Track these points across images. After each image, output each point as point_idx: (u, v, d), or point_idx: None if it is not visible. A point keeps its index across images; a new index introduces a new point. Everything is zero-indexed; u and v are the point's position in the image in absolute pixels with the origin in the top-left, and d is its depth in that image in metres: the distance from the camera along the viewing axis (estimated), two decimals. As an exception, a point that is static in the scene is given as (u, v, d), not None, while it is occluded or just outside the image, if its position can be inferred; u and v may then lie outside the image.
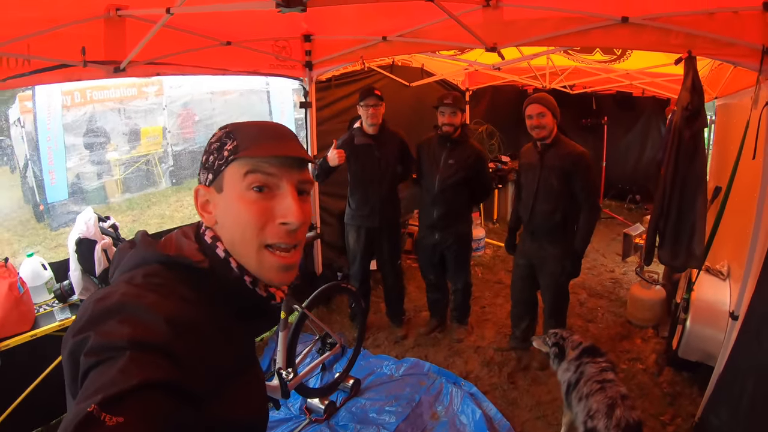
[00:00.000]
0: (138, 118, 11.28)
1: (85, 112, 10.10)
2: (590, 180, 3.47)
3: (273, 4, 1.80)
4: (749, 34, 2.60)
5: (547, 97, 3.51)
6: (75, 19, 2.69)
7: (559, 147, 3.49)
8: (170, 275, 0.88)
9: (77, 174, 9.76)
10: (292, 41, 4.33)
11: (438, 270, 4.25)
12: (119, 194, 10.45)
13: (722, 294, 3.38)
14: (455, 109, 3.81)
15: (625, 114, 8.49)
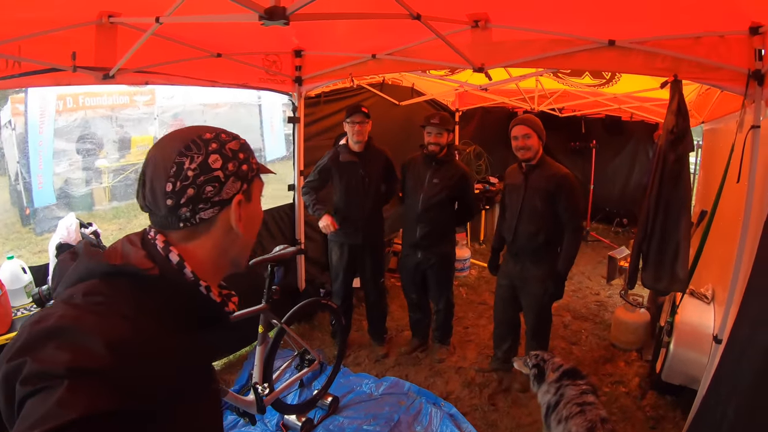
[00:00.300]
0: (129, 127, 11.26)
1: (75, 118, 10.07)
2: (574, 201, 3.48)
3: (256, 16, 1.79)
4: (735, 59, 2.63)
5: (533, 119, 3.53)
6: (67, 24, 2.68)
7: (544, 168, 3.50)
8: (113, 291, 0.84)
9: (66, 179, 9.69)
10: (282, 56, 4.33)
11: (420, 289, 4.22)
12: (106, 202, 10.35)
13: (706, 317, 3.37)
14: (442, 129, 3.83)
15: (614, 138, 8.56)
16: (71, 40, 2.75)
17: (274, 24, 1.81)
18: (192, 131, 0.96)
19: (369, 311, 4.44)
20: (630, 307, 4.49)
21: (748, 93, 2.61)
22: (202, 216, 0.94)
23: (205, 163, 0.93)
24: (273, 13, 1.77)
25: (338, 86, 5.10)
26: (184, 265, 0.92)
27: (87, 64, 2.90)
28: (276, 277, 3.06)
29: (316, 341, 4.51)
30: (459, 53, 3.19)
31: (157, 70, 3.41)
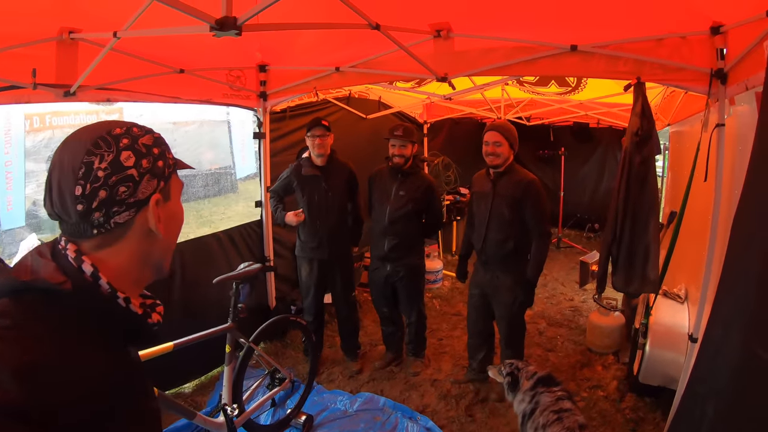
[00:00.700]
0: None
1: (43, 138, 9.98)
2: (540, 207, 3.47)
3: (207, 27, 1.74)
4: (697, 59, 2.66)
5: (507, 127, 3.54)
6: (27, 40, 2.63)
7: (511, 175, 3.51)
8: (23, 310, 0.77)
9: (34, 201, 9.50)
10: (247, 71, 4.29)
11: (391, 303, 4.16)
12: None
13: (681, 317, 3.39)
14: (406, 141, 3.82)
15: (583, 145, 8.69)
16: (31, 56, 2.69)
17: (226, 35, 1.77)
18: (101, 127, 0.88)
19: (341, 327, 4.36)
20: (604, 311, 4.50)
21: (711, 92, 2.65)
22: (117, 220, 0.86)
23: (117, 161, 0.85)
24: (224, 24, 1.73)
25: (304, 101, 5.07)
26: (99, 276, 0.84)
27: (48, 81, 2.84)
28: (241, 295, 2.98)
29: (289, 359, 4.41)
30: (421, 63, 3.19)
31: (119, 86, 3.39)
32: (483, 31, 3.14)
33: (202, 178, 13.06)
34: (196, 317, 3.44)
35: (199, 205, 12.33)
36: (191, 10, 1.72)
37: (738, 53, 2.39)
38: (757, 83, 2.12)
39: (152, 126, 3.51)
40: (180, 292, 3.88)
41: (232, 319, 2.95)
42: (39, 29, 2.65)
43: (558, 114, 7.25)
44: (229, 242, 4.35)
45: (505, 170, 3.51)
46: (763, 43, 1.96)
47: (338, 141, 5.41)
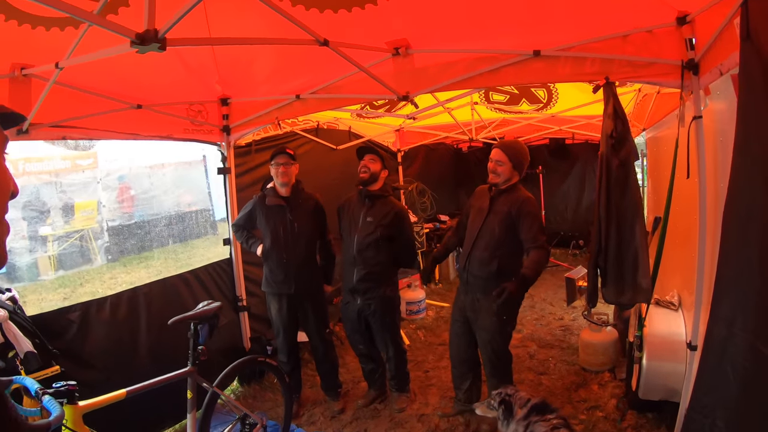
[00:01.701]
0: (72, 192, 11.05)
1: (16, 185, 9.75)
2: (536, 222, 3.32)
3: (128, 46, 1.61)
4: (666, 52, 2.59)
5: (513, 146, 3.44)
6: None
7: (510, 194, 3.38)
8: None
9: (9, 249, 9.15)
10: (208, 105, 4.19)
11: (367, 338, 3.94)
12: (52, 271, 10.01)
13: (676, 325, 3.25)
14: (374, 156, 3.73)
15: (560, 162, 8.71)
16: None
17: (149, 49, 1.63)
18: None
19: (318, 366, 4.13)
20: (595, 327, 4.34)
21: (684, 85, 2.56)
22: None
23: None
24: (144, 38, 1.59)
25: (270, 134, 4.96)
26: None
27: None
28: (200, 337, 2.76)
29: (268, 402, 4.17)
30: (380, 82, 3.11)
31: (75, 123, 3.28)
32: (442, 44, 3.09)
33: (181, 221, 12.83)
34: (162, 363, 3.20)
35: (178, 249, 12.06)
36: (113, 26, 1.59)
37: (707, 40, 2.32)
38: (732, 65, 2.03)
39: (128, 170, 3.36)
40: (145, 337, 3.66)
41: (192, 363, 2.74)
42: None
43: (533, 131, 7.22)
44: (197, 282, 4.14)
45: (506, 189, 3.40)
46: (733, 21, 1.87)
47: (308, 174, 5.29)
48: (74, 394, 2.09)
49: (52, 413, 1.80)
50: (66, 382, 2.08)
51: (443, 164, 9.04)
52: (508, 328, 3.44)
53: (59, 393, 2.03)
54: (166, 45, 1.66)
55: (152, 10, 1.58)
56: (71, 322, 3.27)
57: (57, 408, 1.83)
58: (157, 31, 1.60)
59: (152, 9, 1.58)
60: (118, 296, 3.58)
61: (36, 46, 2.53)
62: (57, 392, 2.02)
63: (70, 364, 3.07)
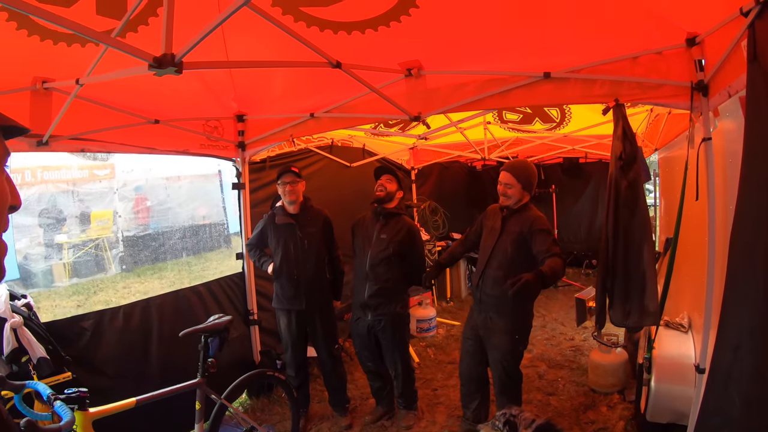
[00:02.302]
0: (89, 201, 11.26)
1: (34, 192, 10.05)
2: (550, 237, 3.29)
3: (146, 68, 1.67)
4: (676, 73, 2.58)
5: (520, 167, 3.44)
6: (1, 89, 2.63)
7: (522, 213, 3.39)
8: None
9: (25, 255, 9.59)
10: (224, 121, 4.26)
11: (376, 356, 3.93)
12: (66, 279, 10.16)
13: (686, 347, 3.22)
14: (392, 177, 3.76)
15: (574, 181, 8.67)
16: (5, 106, 2.65)
17: (165, 72, 1.69)
18: None
19: (326, 381, 4.13)
20: (605, 348, 4.30)
21: (694, 106, 2.54)
22: None
23: None
24: (162, 62, 1.65)
25: (284, 150, 5.00)
26: None
27: None
28: (210, 349, 2.81)
29: (276, 416, 4.17)
30: (393, 103, 3.14)
31: (93, 137, 3.34)
32: (454, 66, 3.12)
33: (195, 234, 12.97)
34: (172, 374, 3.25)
35: (191, 261, 12.17)
36: (131, 49, 1.66)
37: (716, 61, 2.29)
38: (740, 87, 2.04)
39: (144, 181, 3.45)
40: (157, 347, 3.70)
41: (201, 375, 2.78)
42: (13, 79, 2.66)
43: (546, 150, 7.23)
44: (209, 295, 4.19)
45: (517, 209, 3.41)
46: (741, 43, 1.88)
47: (322, 190, 5.38)
48: (85, 401, 2.14)
49: (63, 418, 1.85)
50: (77, 389, 2.13)
51: (457, 182, 9.03)
52: (520, 347, 3.43)
53: (70, 399, 2.08)
54: (183, 68, 1.71)
55: (170, 34, 1.64)
56: (84, 330, 3.32)
57: (68, 413, 1.88)
58: (174, 55, 1.66)
59: (170, 33, 1.64)
60: (132, 306, 3.64)
61: (58, 61, 2.60)
62: (68, 398, 2.08)
63: (81, 371, 3.12)
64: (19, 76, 2.69)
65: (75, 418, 1.92)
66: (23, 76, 2.71)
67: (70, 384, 2.80)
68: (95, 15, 2.34)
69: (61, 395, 2.07)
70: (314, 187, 5.32)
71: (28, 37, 2.37)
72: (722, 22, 2.10)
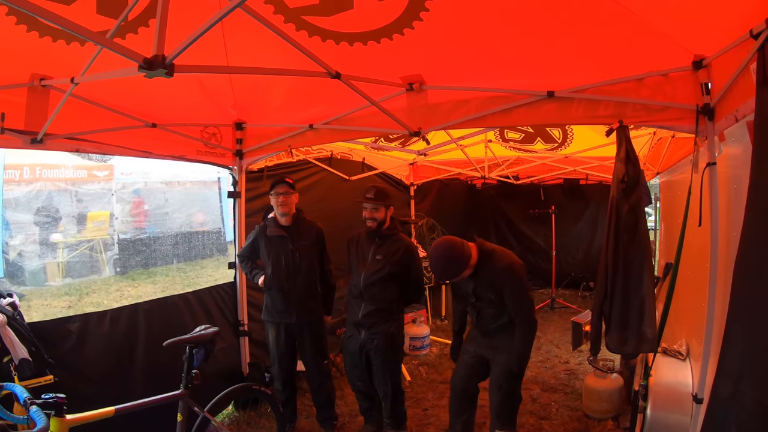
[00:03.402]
0: (87, 202, 11.24)
1: (31, 189, 10.05)
2: (517, 294, 3.20)
3: (136, 69, 1.63)
4: (681, 96, 2.55)
5: (446, 257, 3.23)
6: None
7: (485, 266, 3.24)
8: None
9: (19, 252, 9.51)
10: (223, 128, 4.23)
11: (365, 376, 3.80)
12: (59, 278, 10.11)
13: (683, 375, 3.15)
14: (378, 204, 3.63)
15: (574, 202, 8.63)
16: (1, 101, 2.69)
17: (156, 74, 1.64)
18: None
19: (314, 396, 4.04)
20: (600, 374, 4.23)
21: (699, 130, 2.51)
22: None
23: None
24: (152, 63, 1.61)
25: (283, 161, 4.96)
26: None
27: (16, 127, 2.82)
28: (195, 361, 2.73)
29: (262, 429, 4.08)
30: (393, 117, 3.11)
31: (89, 137, 3.30)
32: (456, 81, 3.09)
33: (191, 240, 12.90)
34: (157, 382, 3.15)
35: (186, 267, 12.08)
36: (122, 49, 1.62)
37: (723, 84, 2.26)
38: (747, 111, 2.00)
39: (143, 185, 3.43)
40: (143, 354, 3.62)
41: (185, 386, 2.70)
42: (11, 74, 2.64)
43: (547, 171, 7.20)
44: (198, 304, 4.11)
45: (480, 261, 3.25)
46: (749, 66, 1.85)
47: (319, 202, 5.37)
48: (62, 407, 2.07)
49: (37, 424, 1.79)
50: (55, 395, 2.06)
51: (456, 200, 8.96)
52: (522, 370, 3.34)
53: (47, 404, 2.01)
54: (174, 71, 1.67)
55: (162, 35, 1.60)
56: (70, 332, 3.25)
57: (42, 420, 1.82)
58: (165, 57, 1.62)
59: (162, 34, 1.60)
60: (119, 311, 3.57)
61: (56, 58, 2.59)
62: (45, 403, 2.01)
63: (64, 374, 3.05)
64: (17, 72, 2.67)
65: (49, 425, 1.85)
66: (21, 71, 2.69)
67: (52, 388, 2.73)
68: (95, 14, 2.33)
69: (38, 400, 2.00)
70: (312, 200, 5.30)
71: (27, 32, 2.35)
72: (731, 45, 2.06)
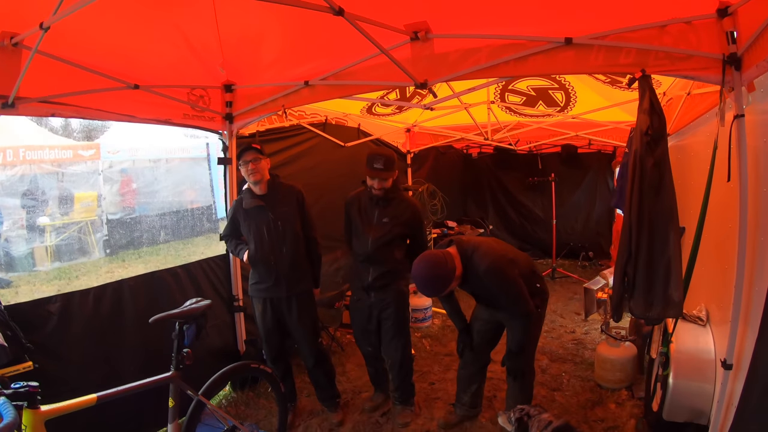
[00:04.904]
0: (72, 183, 10.93)
1: (15, 173, 9.78)
2: (509, 289, 3.02)
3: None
4: (706, 44, 2.39)
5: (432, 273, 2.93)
6: None
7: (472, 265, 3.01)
8: None
9: (6, 238, 9.37)
10: (211, 90, 3.97)
11: (376, 337, 3.68)
12: (48, 262, 9.86)
13: (705, 342, 2.98)
14: (388, 175, 3.43)
15: (572, 171, 8.44)
16: None
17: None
18: None
19: (311, 376, 3.82)
20: (613, 342, 4.05)
21: (725, 80, 2.34)
22: None
23: None
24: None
25: (275, 125, 4.70)
26: None
27: None
28: (186, 338, 2.49)
29: (262, 410, 3.89)
30: (400, 66, 2.85)
31: (66, 100, 3.07)
32: (465, 29, 2.85)
33: (182, 218, 12.62)
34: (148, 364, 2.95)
35: (178, 246, 11.82)
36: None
37: (751, 33, 2.12)
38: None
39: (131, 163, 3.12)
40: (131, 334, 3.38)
41: (176, 367, 2.46)
42: None
43: (548, 136, 6.96)
44: (188, 279, 3.85)
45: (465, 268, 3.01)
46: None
47: (314, 169, 5.16)
48: (35, 397, 1.82)
49: (4, 418, 1.55)
50: (27, 383, 1.81)
51: (453, 169, 8.82)
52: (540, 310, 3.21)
53: (18, 395, 1.76)
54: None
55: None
56: (50, 314, 2.99)
57: (10, 413, 1.58)
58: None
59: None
60: (103, 288, 3.29)
61: (27, 12, 2.35)
62: (15, 394, 1.76)
63: (45, 360, 2.82)
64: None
65: (17, 418, 1.61)
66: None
67: (32, 375, 2.50)
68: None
69: (7, 390, 1.76)
70: (306, 167, 5.10)
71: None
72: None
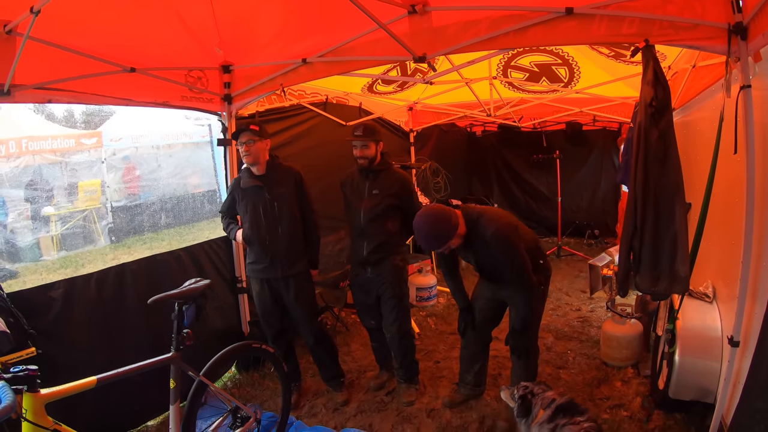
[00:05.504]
0: (76, 171, 10.95)
1: (18, 164, 9.78)
2: (512, 259, 2.99)
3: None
4: (711, 13, 2.31)
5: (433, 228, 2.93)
6: None
7: (474, 233, 3.00)
8: None
9: (12, 229, 9.36)
10: (209, 72, 3.91)
11: (377, 313, 3.70)
12: (54, 252, 9.87)
13: (711, 319, 2.96)
14: (367, 140, 3.49)
15: (577, 149, 8.34)
16: None
17: None
18: None
19: (313, 355, 3.82)
20: (619, 319, 4.03)
21: (731, 50, 2.28)
22: None
23: None
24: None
25: (275, 105, 4.66)
26: None
27: None
28: (186, 319, 2.47)
29: (267, 391, 3.90)
30: (398, 40, 2.80)
31: (62, 86, 3.05)
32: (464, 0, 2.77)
33: (186, 203, 12.63)
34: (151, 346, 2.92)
35: (183, 231, 11.85)
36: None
37: (757, 2, 2.07)
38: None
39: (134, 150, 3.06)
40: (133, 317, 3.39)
41: (176, 348, 2.44)
42: None
43: (552, 112, 6.85)
44: (190, 261, 3.84)
45: (470, 230, 2.99)
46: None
47: (315, 148, 5.10)
48: (35, 381, 1.81)
49: (2, 402, 1.55)
50: (26, 367, 1.81)
51: (456, 147, 8.73)
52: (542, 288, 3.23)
53: (17, 379, 1.76)
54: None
55: None
56: (53, 299, 3.00)
57: (8, 397, 1.57)
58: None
59: None
60: (105, 272, 3.29)
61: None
62: (14, 378, 1.75)
63: (49, 345, 2.83)
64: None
65: (16, 402, 1.60)
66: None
67: (35, 361, 2.50)
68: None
69: (6, 374, 1.75)
70: (307, 146, 5.06)
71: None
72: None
